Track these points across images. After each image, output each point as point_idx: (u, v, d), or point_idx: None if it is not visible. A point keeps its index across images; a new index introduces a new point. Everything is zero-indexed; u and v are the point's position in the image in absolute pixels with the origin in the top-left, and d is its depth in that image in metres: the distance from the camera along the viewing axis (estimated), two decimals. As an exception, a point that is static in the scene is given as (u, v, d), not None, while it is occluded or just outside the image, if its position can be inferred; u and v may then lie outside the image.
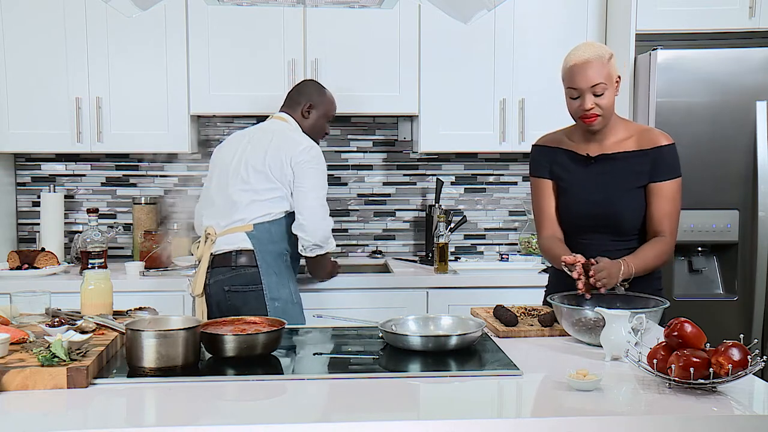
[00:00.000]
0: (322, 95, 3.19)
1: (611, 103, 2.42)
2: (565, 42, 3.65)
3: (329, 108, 3.21)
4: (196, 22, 3.62)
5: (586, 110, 2.40)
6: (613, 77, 2.41)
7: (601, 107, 2.40)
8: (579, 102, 2.41)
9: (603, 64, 2.38)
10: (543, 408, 1.76)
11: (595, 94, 2.38)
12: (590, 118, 2.41)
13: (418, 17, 3.69)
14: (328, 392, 1.83)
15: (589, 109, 2.39)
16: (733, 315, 3.36)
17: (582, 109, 2.40)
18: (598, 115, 2.40)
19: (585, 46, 2.43)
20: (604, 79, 2.37)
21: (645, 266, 2.38)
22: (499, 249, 4.16)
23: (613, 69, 2.41)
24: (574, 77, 2.39)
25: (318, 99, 3.17)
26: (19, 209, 4.02)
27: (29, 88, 3.61)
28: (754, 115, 3.30)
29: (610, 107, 2.42)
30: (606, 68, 2.39)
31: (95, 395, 1.75)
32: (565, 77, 2.43)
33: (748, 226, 3.34)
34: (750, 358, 1.72)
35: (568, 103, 2.45)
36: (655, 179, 2.45)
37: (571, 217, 2.53)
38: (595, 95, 2.38)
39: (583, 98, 2.39)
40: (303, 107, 3.13)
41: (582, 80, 2.38)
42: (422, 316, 2.30)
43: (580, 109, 2.41)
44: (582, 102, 2.40)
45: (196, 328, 1.94)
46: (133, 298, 3.01)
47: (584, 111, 2.40)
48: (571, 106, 2.44)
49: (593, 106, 2.39)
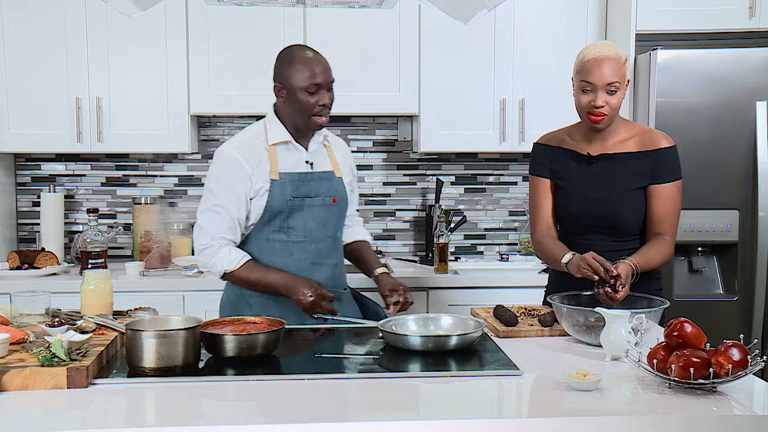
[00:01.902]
0: (288, 64, 2.50)
1: (619, 105, 2.41)
2: (565, 42, 3.67)
3: (301, 75, 2.46)
4: (196, 22, 3.62)
5: (596, 107, 2.38)
6: (625, 79, 2.41)
7: (611, 107, 2.39)
8: (590, 97, 2.39)
9: (620, 64, 2.38)
10: (543, 408, 1.75)
11: (608, 92, 2.38)
12: (598, 116, 2.40)
13: (418, 17, 3.69)
14: (328, 392, 1.83)
15: (600, 106, 2.38)
16: (733, 315, 3.36)
17: (593, 105, 2.39)
18: (605, 114, 2.40)
19: (604, 44, 2.43)
20: (619, 78, 2.38)
21: (648, 267, 2.38)
22: (499, 249, 4.16)
23: (626, 71, 2.41)
24: (591, 71, 2.38)
25: (284, 72, 2.50)
26: (19, 209, 4.02)
27: (29, 88, 3.61)
28: (754, 115, 3.30)
29: (618, 108, 2.42)
30: (622, 69, 2.39)
31: (95, 395, 1.75)
32: (580, 70, 2.41)
33: (748, 226, 3.34)
34: (750, 358, 1.72)
35: (578, 97, 2.43)
36: (655, 181, 2.44)
37: (571, 217, 2.53)
38: (608, 93, 2.38)
39: (596, 94, 2.38)
40: (276, 89, 2.55)
41: (598, 76, 2.37)
42: (422, 316, 2.30)
43: (590, 104, 2.39)
44: (594, 98, 2.38)
45: (196, 328, 1.94)
46: (133, 298, 3.01)
47: (594, 107, 2.39)
48: (581, 101, 2.42)
49: (604, 104, 2.38)
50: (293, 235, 2.54)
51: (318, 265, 2.57)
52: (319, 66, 2.49)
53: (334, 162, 2.65)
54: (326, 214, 2.59)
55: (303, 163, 2.57)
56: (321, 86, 2.48)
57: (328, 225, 2.59)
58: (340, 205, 2.63)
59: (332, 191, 2.60)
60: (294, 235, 2.55)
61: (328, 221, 2.60)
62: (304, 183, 2.55)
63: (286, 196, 2.51)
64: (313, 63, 2.49)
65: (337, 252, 2.66)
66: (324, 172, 2.61)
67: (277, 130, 2.56)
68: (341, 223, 2.69)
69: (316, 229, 2.56)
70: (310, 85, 2.47)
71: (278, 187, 2.51)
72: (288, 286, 2.47)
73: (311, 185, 2.56)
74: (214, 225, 2.49)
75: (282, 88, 2.52)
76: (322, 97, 2.50)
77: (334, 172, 2.63)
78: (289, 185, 2.53)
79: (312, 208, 2.56)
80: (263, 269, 2.51)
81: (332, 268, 2.62)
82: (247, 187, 2.50)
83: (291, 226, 2.54)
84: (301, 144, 2.58)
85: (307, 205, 2.55)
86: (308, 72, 2.47)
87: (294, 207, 2.53)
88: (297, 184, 2.53)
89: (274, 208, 2.51)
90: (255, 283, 2.51)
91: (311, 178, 2.57)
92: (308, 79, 2.46)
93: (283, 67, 2.52)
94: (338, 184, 2.63)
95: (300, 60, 2.50)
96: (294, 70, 2.48)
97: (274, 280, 2.49)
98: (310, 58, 2.50)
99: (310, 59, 2.50)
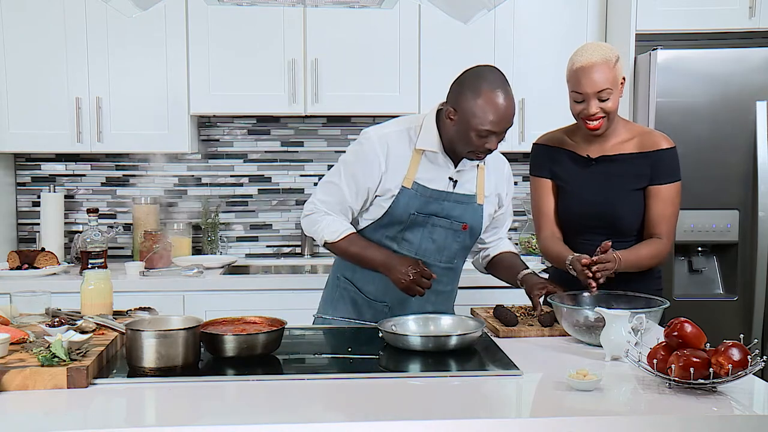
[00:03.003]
0: (473, 95, 2.23)
1: (616, 107, 2.39)
2: (565, 42, 3.67)
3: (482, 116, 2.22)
4: (196, 22, 3.62)
5: (590, 115, 2.37)
6: (618, 80, 2.37)
7: (607, 112, 2.37)
8: (583, 106, 2.37)
9: (609, 68, 2.34)
10: (543, 408, 1.76)
11: (601, 99, 2.35)
12: (594, 124, 2.39)
13: (418, 17, 3.69)
14: (328, 392, 1.83)
15: (593, 114, 2.37)
16: (733, 315, 3.36)
17: (586, 113, 2.38)
18: (602, 117, 2.38)
19: (592, 48, 2.38)
20: (610, 84, 2.33)
21: (637, 263, 2.37)
22: (499, 249, 4.16)
23: (619, 72, 2.37)
24: (580, 81, 2.35)
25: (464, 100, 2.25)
26: (19, 209, 4.02)
27: (29, 88, 3.61)
28: (754, 115, 3.30)
29: (615, 111, 2.40)
30: (612, 72, 2.34)
31: (95, 395, 1.75)
32: (570, 80, 2.39)
33: (748, 226, 3.34)
34: (750, 358, 1.72)
35: (572, 106, 2.42)
36: (655, 182, 2.44)
37: (571, 218, 2.53)
38: (601, 100, 2.35)
39: (588, 103, 2.36)
40: (447, 112, 2.31)
41: (587, 85, 2.33)
42: (422, 316, 2.30)
43: (583, 113, 2.38)
44: (587, 107, 2.36)
45: (196, 328, 1.94)
46: (133, 298, 3.01)
47: (588, 116, 2.38)
48: (575, 109, 2.41)
49: (598, 111, 2.36)
50: (405, 248, 2.40)
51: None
52: (506, 117, 2.23)
53: (481, 185, 2.43)
54: (450, 238, 2.41)
55: (445, 179, 2.37)
56: (496, 134, 2.26)
57: (447, 250, 2.42)
58: (471, 233, 2.44)
59: (466, 217, 2.40)
60: (406, 248, 2.40)
61: (448, 246, 2.42)
62: (436, 201, 2.37)
63: (410, 209, 2.36)
64: (501, 110, 2.22)
65: (449, 279, 2.49)
66: (463, 195, 2.40)
67: (430, 137, 2.36)
68: (465, 252, 2.50)
69: (431, 251, 2.41)
70: (487, 131, 2.24)
71: (406, 197, 2.35)
72: (387, 264, 2.34)
73: (444, 205, 2.38)
74: (325, 197, 2.42)
75: (455, 114, 2.27)
76: (491, 143, 2.27)
77: (477, 197, 2.42)
78: (418, 198, 2.36)
79: (435, 228, 2.39)
80: (364, 244, 2.39)
81: (436, 294, 2.45)
82: (373, 183, 2.35)
83: (406, 239, 2.40)
84: (450, 157, 2.38)
85: (431, 223, 2.39)
86: (492, 117, 2.22)
87: (416, 222, 2.37)
88: (427, 200, 2.36)
89: (394, 216, 2.37)
90: (354, 256, 2.41)
91: (447, 198, 2.38)
92: (488, 124, 2.22)
93: (465, 91, 2.25)
94: (475, 211, 2.42)
95: (488, 100, 2.21)
96: (477, 106, 2.22)
97: (373, 257, 2.37)
98: (500, 104, 2.22)
99: (500, 106, 2.22)
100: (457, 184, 2.40)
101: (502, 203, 2.53)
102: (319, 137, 4.08)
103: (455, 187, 2.40)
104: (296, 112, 3.70)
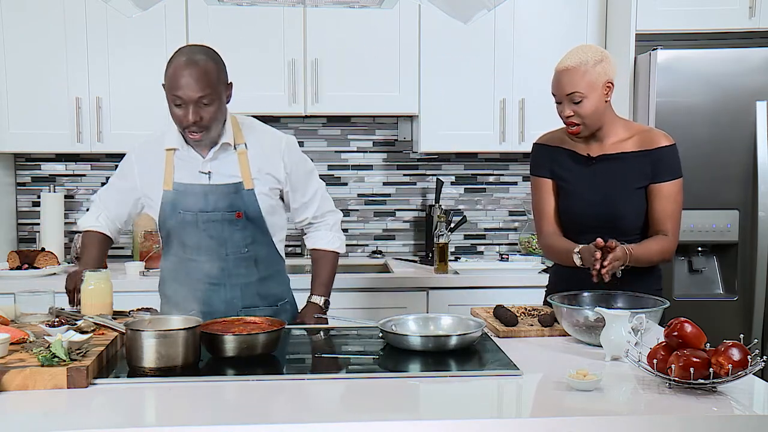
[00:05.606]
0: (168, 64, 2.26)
1: (593, 111, 2.40)
2: (565, 42, 3.65)
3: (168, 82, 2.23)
4: (196, 23, 3.62)
5: (565, 117, 2.42)
6: (597, 83, 2.37)
7: (581, 116, 2.40)
8: (560, 108, 2.44)
9: (584, 72, 2.36)
10: (543, 408, 1.76)
11: (573, 101, 2.39)
12: (571, 126, 2.44)
13: (418, 17, 3.69)
14: (328, 392, 1.83)
15: (568, 116, 2.41)
16: (733, 315, 3.36)
17: (561, 116, 2.44)
18: (577, 124, 2.42)
19: (573, 52, 2.42)
20: (581, 88, 2.37)
21: (647, 257, 2.38)
22: (499, 249, 4.16)
23: (597, 75, 2.37)
24: (553, 83, 2.44)
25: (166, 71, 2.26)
26: (19, 209, 4.02)
27: (29, 88, 3.61)
28: (754, 115, 3.30)
29: (592, 115, 2.40)
30: (587, 76, 2.36)
31: (95, 395, 1.75)
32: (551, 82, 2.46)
33: (748, 226, 3.34)
34: (750, 358, 1.72)
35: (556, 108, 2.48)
36: (656, 180, 2.44)
37: (572, 218, 2.53)
38: (573, 102, 2.39)
39: (562, 105, 2.42)
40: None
41: (557, 88, 2.42)
42: (422, 316, 2.30)
43: (560, 115, 2.45)
44: (561, 109, 2.43)
45: (196, 328, 1.94)
46: (133, 298, 3.00)
47: (565, 117, 2.43)
48: (557, 111, 2.47)
49: (571, 113, 2.40)
50: (189, 252, 2.36)
51: (219, 285, 2.37)
52: (185, 77, 2.16)
53: (245, 171, 2.34)
54: (227, 230, 2.34)
55: (197, 173, 2.33)
56: (185, 101, 2.19)
57: (231, 241, 2.35)
58: (250, 218, 2.36)
59: (238, 204, 2.33)
60: (190, 252, 2.36)
61: (229, 237, 2.35)
62: (197, 196, 2.31)
63: (176, 210, 2.33)
64: (180, 72, 2.16)
65: (250, 269, 2.40)
66: (224, 185, 2.33)
67: (171, 133, 2.35)
68: (257, 236, 2.40)
69: (213, 246, 2.34)
70: (173, 96, 2.19)
71: (170, 200, 2.32)
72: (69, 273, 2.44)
73: (209, 198, 2.31)
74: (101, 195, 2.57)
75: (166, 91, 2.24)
76: (187, 114, 2.20)
77: (243, 183, 2.34)
78: (181, 198, 2.32)
79: (209, 224, 2.33)
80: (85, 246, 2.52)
81: (240, 288, 2.40)
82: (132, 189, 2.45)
83: (185, 243, 2.36)
84: (197, 150, 2.35)
85: (202, 220, 2.33)
86: (173, 82, 2.18)
87: (186, 222, 2.33)
88: (189, 197, 2.31)
89: (166, 222, 2.36)
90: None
91: (208, 190, 2.31)
92: (171, 89, 2.19)
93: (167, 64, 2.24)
94: (247, 197, 2.34)
95: (173, 63, 2.20)
96: (166, 74, 2.19)
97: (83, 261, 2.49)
98: (181, 64, 2.17)
99: (180, 66, 2.17)
100: (213, 175, 2.34)
101: (282, 181, 2.42)
102: (319, 137, 4.09)
103: (211, 179, 2.34)
104: (296, 112, 3.70)
